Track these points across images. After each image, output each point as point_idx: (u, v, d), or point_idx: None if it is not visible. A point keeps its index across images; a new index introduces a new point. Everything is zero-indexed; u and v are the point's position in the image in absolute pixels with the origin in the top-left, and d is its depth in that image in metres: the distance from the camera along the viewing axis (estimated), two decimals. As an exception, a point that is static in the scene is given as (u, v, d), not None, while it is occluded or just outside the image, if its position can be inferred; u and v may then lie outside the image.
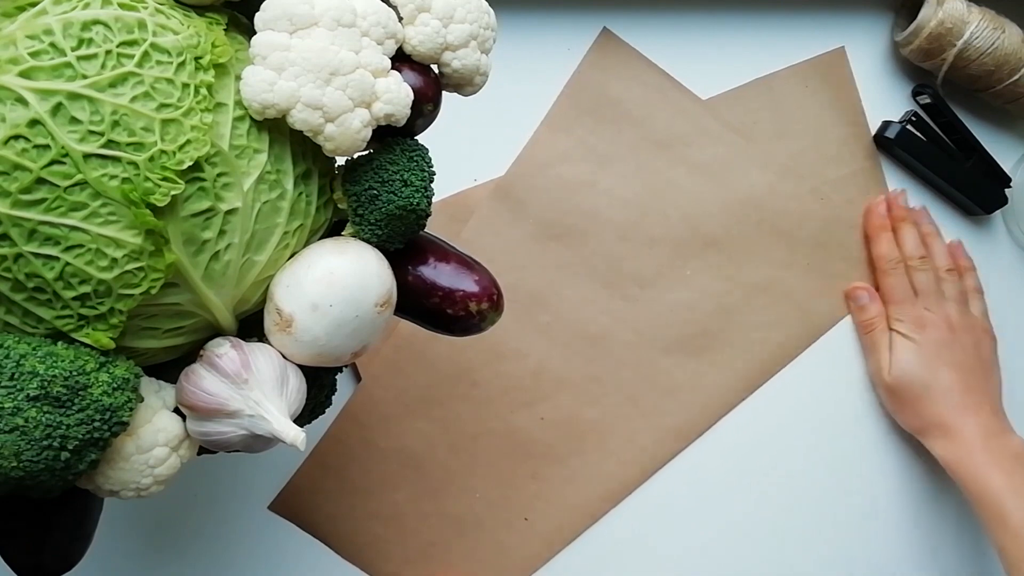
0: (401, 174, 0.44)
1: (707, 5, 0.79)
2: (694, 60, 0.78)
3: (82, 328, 0.38)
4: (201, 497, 0.72)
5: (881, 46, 0.82)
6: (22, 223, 0.36)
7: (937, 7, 0.76)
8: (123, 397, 0.38)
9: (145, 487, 0.41)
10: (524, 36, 0.75)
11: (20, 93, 0.35)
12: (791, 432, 0.79)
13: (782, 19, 0.80)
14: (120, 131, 0.36)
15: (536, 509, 0.75)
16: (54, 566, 0.44)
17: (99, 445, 0.38)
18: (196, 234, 0.39)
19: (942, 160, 0.80)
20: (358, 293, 0.42)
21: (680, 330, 0.77)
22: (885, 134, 0.79)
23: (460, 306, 0.47)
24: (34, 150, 0.35)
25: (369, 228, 0.44)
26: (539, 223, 0.75)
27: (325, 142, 0.42)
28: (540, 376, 0.75)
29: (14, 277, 0.37)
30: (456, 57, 0.46)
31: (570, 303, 0.75)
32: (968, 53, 0.76)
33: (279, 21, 0.41)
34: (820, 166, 0.80)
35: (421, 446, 0.73)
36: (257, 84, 0.40)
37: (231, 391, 0.40)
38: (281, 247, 0.43)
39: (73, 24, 0.37)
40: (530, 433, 0.75)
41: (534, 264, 0.75)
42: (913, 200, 0.81)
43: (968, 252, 0.80)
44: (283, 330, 0.42)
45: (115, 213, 0.37)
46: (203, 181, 0.39)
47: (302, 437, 0.40)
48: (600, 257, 0.76)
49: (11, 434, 0.36)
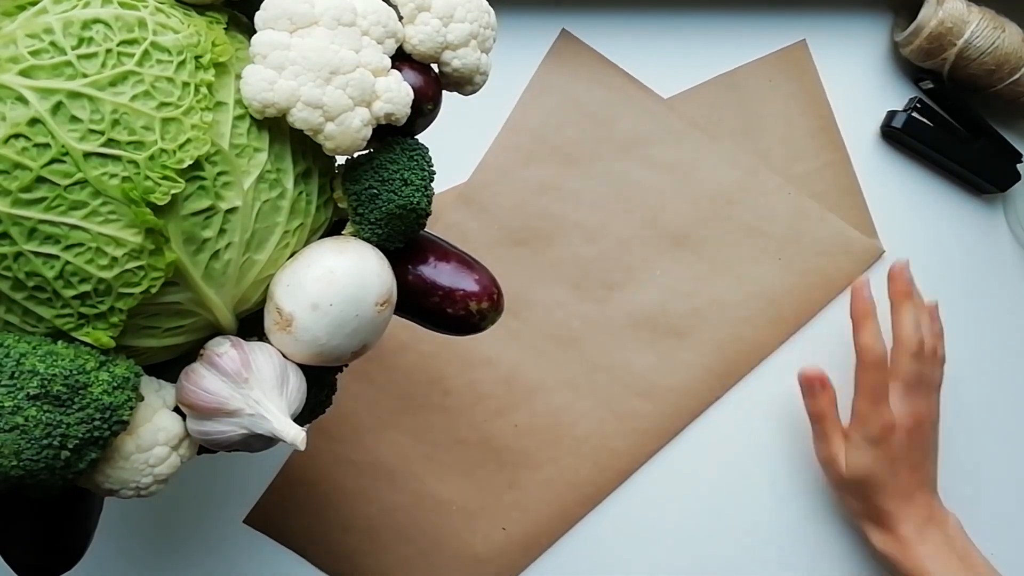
0: (401, 173, 0.44)
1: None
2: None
3: (82, 327, 0.38)
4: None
5: (881, 46, 0.82)
6: (22, 222, 0.36)
7: (937, 7, 0.76)
8: (123, 396, 0.38)
9: (145, 486, 0.41)
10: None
11: (20, 92, 0.35)
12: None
13: (780, 20, 0.80)
14: (120, 130, 0.36)
15: (513, 518, 0.74)
16: (54, 565, 0.44)
17: (99, 444, 0.38)
18: (196, 233, 0.39)
19: (951, 143, 0.80)
20: (358, 292, 0.42)
21: (652, 331, 0.77)
22: (892, 124, 0.79)
23: (460, 305, 0.47)
24: (34, 149, 0.35)
25: (369, 227, 0.44)
26: (505, 228, 0.75)
27: (325, 141, 0.42)
28: (512, 383, 0.74)
29: (14, 276, 0.37)
30: (456, 56, 0.46)
31: (539, 307, 0.75)
32: (968, 53, 0.76)
33: (279, 20, 0.41)
34: (788, 160, 0.79)
35: (394, 458, 0.73)
36: (257, 83, 0.40)
37: (231, 390, 0.40)
38: (281, 246, 0.43)
39: (73, 23, 0.37)
40: (505, 441, 0.74)
41: (501, 270, 0.72)
42: (924, 185, 0.81)
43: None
44: (283, 329, 0.42)
45: (115, 212, 0.37)
46: (203, 180, 0.39)
47: (302, 436, 0.40)
48: (568, 260, 0.76)
49: (11, 433, 0.36)
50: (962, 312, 0.81)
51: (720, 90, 0.79)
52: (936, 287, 0.80)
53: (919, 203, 0.82)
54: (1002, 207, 0.84)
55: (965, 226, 0.83)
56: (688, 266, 0.77)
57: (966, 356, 0.81)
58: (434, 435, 0.73)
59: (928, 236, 0.81)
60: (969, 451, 0.81)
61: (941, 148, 0.80)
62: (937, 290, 0.80)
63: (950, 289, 0.81)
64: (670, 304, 0.77)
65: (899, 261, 0.75)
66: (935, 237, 0.81)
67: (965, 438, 0.81)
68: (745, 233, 0.78)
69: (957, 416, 0.80)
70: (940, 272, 0.81)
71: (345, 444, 0.72)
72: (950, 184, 0.82)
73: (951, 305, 0.81)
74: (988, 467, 0.81)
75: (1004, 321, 0.82)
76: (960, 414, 0.81)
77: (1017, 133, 0.83)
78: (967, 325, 0.81)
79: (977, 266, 0.82)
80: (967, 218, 0.83)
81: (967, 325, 0.81)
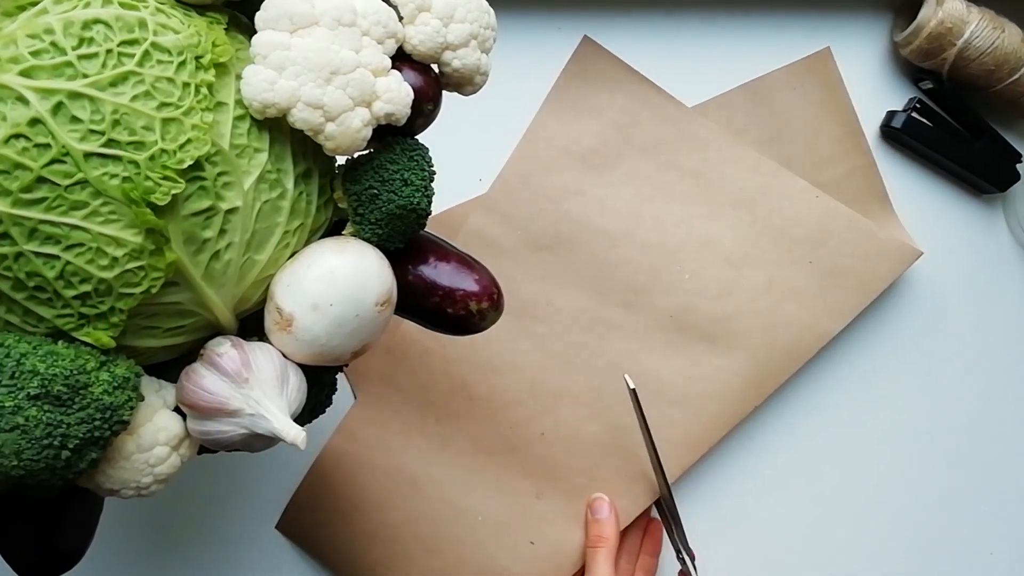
0: (401, 173, 0.44)
1: (696, 9, 0.79)
2: (681, 67, 0.77)
3: (83, 327, 0.38)
4: (207, 511, 0.72)
5: (881, 46, 0.82)
6: (23, 222, 0.36)
7: (937, 7, 0.76)
8: (124, 396, 0.38)
9: (145, 486, 0.41)
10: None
11: (21, 92, 0.35)
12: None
13: (777, 21, 0.80)
14: (121, 130, 0.36)
15: (541, 532, 0.72)
16: (54, 565, 0.44)
17: (99, 444, 0.38)
18: (196, 233, 0.39)
19: (951, 143, 0.80)
20: (358, 292, 0.42)
21: (681, 335, 0.74)
22: (891, 124, 0.79)
23: (460, 305, 0.47)
24: (35, 149, 0.35)
25: (369, 227, 0.44)
26: (528, 234, 0.74)
27: (325, 141, 0.42)
28: (537, 389, 0.73)
29: (15, 276, 0.37)
30: (456, 57, 0.46)
31: (564, 313, 0.73)
32: (968, 53, 0.76)
33: (280, 20, 0.41)
34: (814, 168, 0.77)
35: (418, 464, 0.71)
36: (258, 83, 0.40)
37: (231, 390, 0.40)
38: (281, 246, 0.43)
39: (74, 23, 0.37)
40: (532, 449, 0.72)
41: (525, 275, 0.73)
42: (923, 185, 0.81)
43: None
44: (283, 329, 0.42)
45: (116, 212, 0.37)
46: (203, 180, 0.39)
47: (302, 436, 0.40)
48: (592, 265, 0.74)
49: (11, 433, 0.36)
50: (962, 312, 0.81)
51: (744, 99, 0.77)
52: (936, 287, 0.81)
53: (919, 203, 0.81)
54: (1002, 207, 0.84)
55: (965, 226, 0.83)
56: (717, 270, 0.75)
57: (966, 356, 0.81)
58: (459, 442, 0.72)
59: (928, 236, 0.81)
60: (969, 450, 0.81)
61: (941, 148, 0.80)
62: (937, 290, 0.80)
63: (950, 289, 0.81)
64: (699, 308, 0.74)
65: (598, 498, 0.72)
66: (935, 237, 0.81)
67: (965, 438, 0.81)
68: (772, 237, 0.76)
69: (957, 415, 0.81)
70: (940, 272, 0.81)
71: (371, 448, 0.71)
72: (950, 184, 0.82)
73: (951, 305, 0.81)
74: (988, 466, 0.81)
75: (1004, 321, 0.82)
76: (960, 413, 0.81)
77: (1017, 133, 0.83)
78: (967, 325, 0.81)
79: (977, 266, 0.82)
80: (967, 218, 0.83)
81: (967, 325, 0.81)
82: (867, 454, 0.79)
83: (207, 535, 0.72)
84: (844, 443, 0.79)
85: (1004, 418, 0.82)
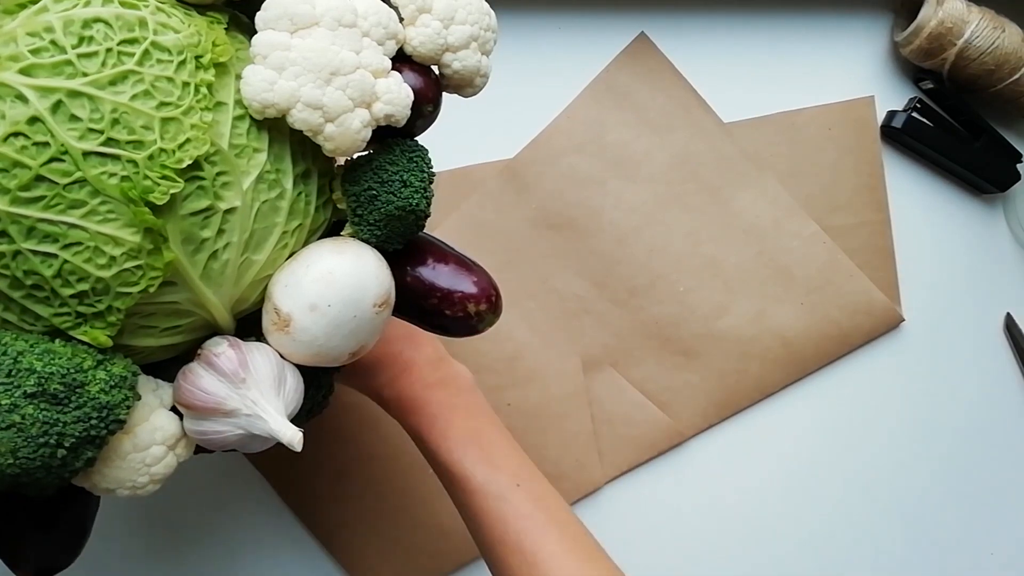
0: (400, 175, 0.44)
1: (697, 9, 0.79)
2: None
3: (80, 326, 0.38)
4: (206, 511, 0.72)
5: (881, 46, 0.82)
6: (21, 220, 0.35)
7: (937, 7, 0.76)
8: (120, 395, 0.38)
9: (141, 485, 0.41)
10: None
11: (20, 90, 0.35)
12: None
13: (778, 21, 0.80)
14: (120, 129, 0.36)
15: None
16: (50, 564, 0.44)
17: (96, 443, 0.38)
18: (195, 233, 0.39)
19: (951, 143, 0.80)
20: (356, 293, 0.42)
21: (662, 344, 0.77)
22: (891, 124, 0.79)
23: (458, 307, 0.47)
24: (33, 147, 0.35)
25: (368, 228, 0.44)
26: (541, 209, 0.75)
27: (325, 142, 0.42)
28: (515, 362, 0.75)
29: (12, 274, 0.37)
30: (456, 58, 0.46)
31: (556, 295, 0.75)
32: (968, 53, 0.76)
33: (280, 20, 0.41)
34: (828, 212, 0.79)
35: (377, 412, 0.70)
36: (257, 83, 0.40)
37: (228, 390, 0.40)
38: (280, 247, 0.43)
39: (74, 22, 0.37)
40: None
41: (529, 248, 0.75)
42: (924, 185, 0.82)
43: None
44: (281, 330, 0.42)
45: (114, 211, 0.37)
46: (202, 180, 0.39)
47: (299, 437, 0.40)
48: (596, 256, 0.76)
49: (7, 431, 0.36)
50: (962, 312, 0.82)
51: (780, 127, 0.79)
52: (936, 287, 0.81)
53: (919, 203, 0.82)
54: (1002, 207, 0.84)
55: (965, 226, 0.83)
56: (712, 291, 0.77)
57: (966, 355, 0.81)
58: None
59: (928, 236, 0.81)
60: (969, 450, 0.81)
61: (941, 148, 0.80)
62: (937, 290, 0.81)
63: (950, 289, 0.81)
64: (687, 323, 0.77)
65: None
66: (935, 237, 0.81)
67: (965, 438, 0.81)
68: (773, 272, 0.78)
69: (957, 415, 0.81)
70: (940, 272, 0.81)
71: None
72: (950, 184, 0.83)
73: (951, 305, 0.81)
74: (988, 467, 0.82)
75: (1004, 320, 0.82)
76: (960, 413, 0.81)
77: (1017, 133, 0.83)
78: (967, 325, 0.82)
79: (977, 266, 0.82)
80: (967, 218, 0.83)
81: (967, 325, 0.82)
82: (867, 454, 0.80)
83: (207, 535, 0.72)
84: (844, 443, 0.80)
85: (1004, 418, 0.82)
